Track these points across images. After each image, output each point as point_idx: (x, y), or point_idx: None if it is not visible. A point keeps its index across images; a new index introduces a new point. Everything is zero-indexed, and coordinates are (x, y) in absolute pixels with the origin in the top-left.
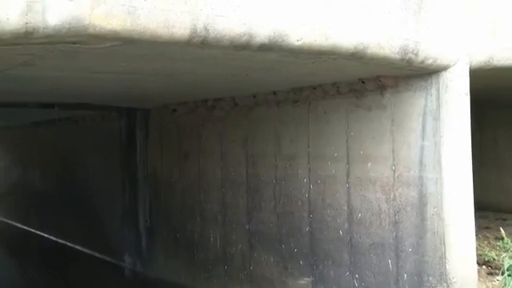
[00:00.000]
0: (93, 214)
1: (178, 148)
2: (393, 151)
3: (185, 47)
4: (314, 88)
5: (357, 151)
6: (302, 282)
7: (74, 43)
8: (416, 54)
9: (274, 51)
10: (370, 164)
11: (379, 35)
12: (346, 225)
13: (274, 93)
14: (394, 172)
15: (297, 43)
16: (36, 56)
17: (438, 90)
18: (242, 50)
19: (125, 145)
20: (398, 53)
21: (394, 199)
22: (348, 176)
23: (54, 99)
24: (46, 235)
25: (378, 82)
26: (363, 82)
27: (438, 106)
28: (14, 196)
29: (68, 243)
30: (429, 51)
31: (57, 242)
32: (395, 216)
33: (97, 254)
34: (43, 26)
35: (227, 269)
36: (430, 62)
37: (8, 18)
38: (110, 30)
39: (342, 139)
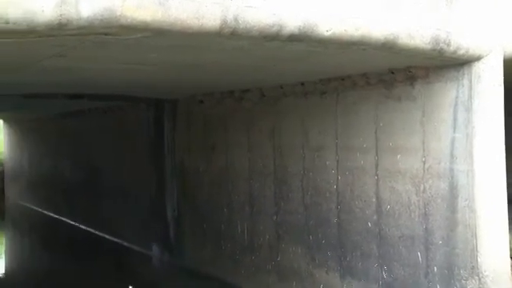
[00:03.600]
0: (121, 204)
1: (206, 139)
2: (423, 143)
3: (214, 38)
4: (343, 79)
5: (386, 142)
6: None
7: (105, 34)
8: (448, 44)
9: (304, 42)
10: (399, 156)
11: (410, 25)
12: (375, 216)
13: (302, 84)
14: (424, 164)
15: (326, 34)
16: (68, 47)
17: (470, 81)
18: (272, 40)
19: (152, 135)
20: (429, 43)
21: (423, 191)
22: (377, 167)
23: (83, 90)
24: (76, 224)
25: (409, 73)
26: (393, 72)
27: (470, 97)
28: (46, 186)
29: (97, 232)
30: (461, 41)
31: (86, 231)
32: (425, 208)
33: (125, 244)
34: (76, 18)
35: (254, 259)
36: (462, 52)
37: (43, 10)
38: (141, 21)
39: (370, 130)
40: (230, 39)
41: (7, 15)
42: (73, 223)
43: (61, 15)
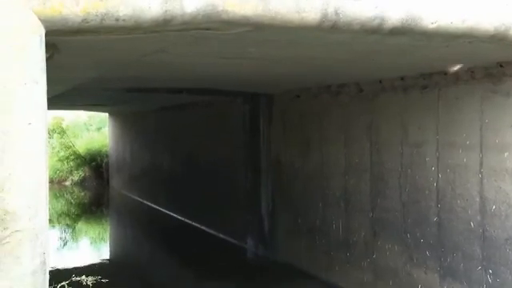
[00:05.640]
0: (218, 196)
1: (301, 134)
2: None
3: (314, 32)
4: (445, 73)
5: (492, 140)
6: None
7: (206, 29)
8: None
9: (406, 35)
10: (506, 153)
11: None
12: (478, 217)
13: (402, 78)
14: None
15: (431, 26)
16: (169, 43)
17: None
18: (373, 34)
19: (248, 130)
20: None
21: None
22: (481, 165)
23: (182, 84)
24: (173, 215)
25: None
26: (501, 65)
27: None
28: (145, 177)
29: (194, 223)
30: None
31: (183, 222)
32: None
33: (221, 235)
34: (181, 14)
35: (349, 256)
36: None
37: (150, 7)
38: (242, 15)
39: (474, 127)
40: (330, 33)
41: (117, 13)
42: (170, 213)
43: (166, 11)
